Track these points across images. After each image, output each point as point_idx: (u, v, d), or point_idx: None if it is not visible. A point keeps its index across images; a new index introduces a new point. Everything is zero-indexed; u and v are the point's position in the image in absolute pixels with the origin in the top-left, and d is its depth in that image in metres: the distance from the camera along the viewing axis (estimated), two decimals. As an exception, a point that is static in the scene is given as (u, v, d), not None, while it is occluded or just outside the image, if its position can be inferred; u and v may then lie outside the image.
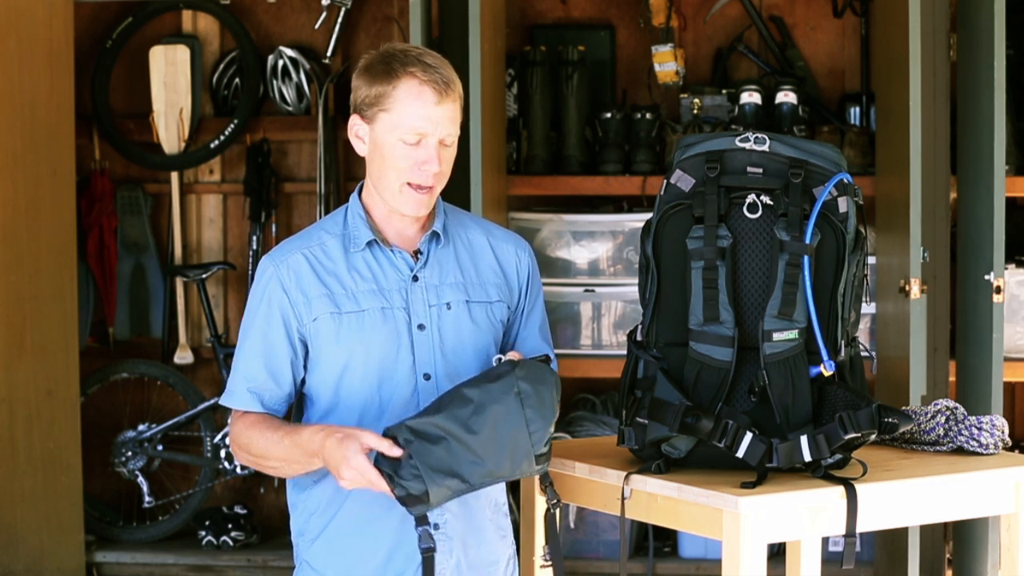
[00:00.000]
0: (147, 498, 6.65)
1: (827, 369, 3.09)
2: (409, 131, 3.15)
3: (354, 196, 3.29)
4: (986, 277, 5.29)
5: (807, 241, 3.08)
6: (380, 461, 3.00)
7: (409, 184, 3.17)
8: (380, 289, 3.21)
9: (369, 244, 3.23)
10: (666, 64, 6.24)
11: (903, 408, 3.28)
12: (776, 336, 3.07)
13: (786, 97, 6.21)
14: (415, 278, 3.23)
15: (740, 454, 3.03)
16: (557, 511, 3.18)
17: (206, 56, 6.85)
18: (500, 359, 3.08)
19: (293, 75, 6.73)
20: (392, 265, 3.23)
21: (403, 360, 3.19)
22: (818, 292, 3.09)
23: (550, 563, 3.20)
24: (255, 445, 3.18)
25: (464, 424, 2.99)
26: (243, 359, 3.22)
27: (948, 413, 3.39)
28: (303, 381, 3.25)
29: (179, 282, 6.84)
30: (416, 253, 3.25)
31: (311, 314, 3.18)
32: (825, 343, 3.09)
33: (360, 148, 3.24)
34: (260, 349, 3.20)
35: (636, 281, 3.29)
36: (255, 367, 3.21)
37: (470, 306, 3.25)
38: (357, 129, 3.23)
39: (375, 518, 3.20)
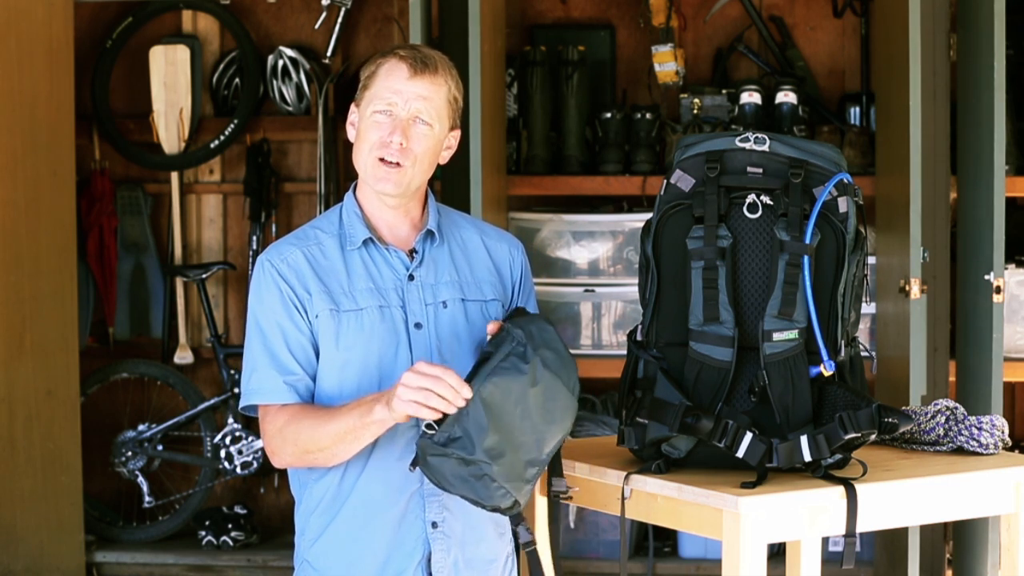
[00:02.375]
0: (147, 498, 6.66)
1: (827, 369, 3.09)
2: (380, 102, 3.20)
3: (349, 194, 3.31)
4: (986, 277, 5.28)
5: (807, 241, 3.08)
6: (454, 484, 3.00)
7: (380, 160, 3.20)
8: (377, 288, 3.22)
9: (365, 243, 3.24)
10: (666, 64, 6.24)
11: (903, 408, 3.28)
12: (776, 336, 3.07)
13: (786, 97, 6.21)
14: (411, 277, 3.24)
15: (740, 454, 3.03)
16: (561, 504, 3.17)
17: (206, 56, 6.86)
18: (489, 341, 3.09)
19: (293, 75, 6.73)
20: (388, 264, 3.24)
21: (401, 358, 3.20)
22: (818, 292, 3.10)
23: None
24: (304, 434, 3.12)
25: (519, 420, 3.01)
26: (267, 354, 3.18)
27: (948, 413, 3.39)
28: None
29: (179, 282, 6.84)
30: (411, 252, 3.26)
31: (313, 311, 3.19)
32: (825, 343, 3.09)
33: (352, 134, 3.28)
34: (283, 340, 3.18)
35: (636, 281, 3.29)
36: (284, 358, 3.17)
37: (466, 304, 3.26)
38: (352, 117, 3.29)
39: (374, 517, 3.20)
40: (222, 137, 6.73)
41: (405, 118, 3.20)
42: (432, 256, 3.28)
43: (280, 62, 6.73)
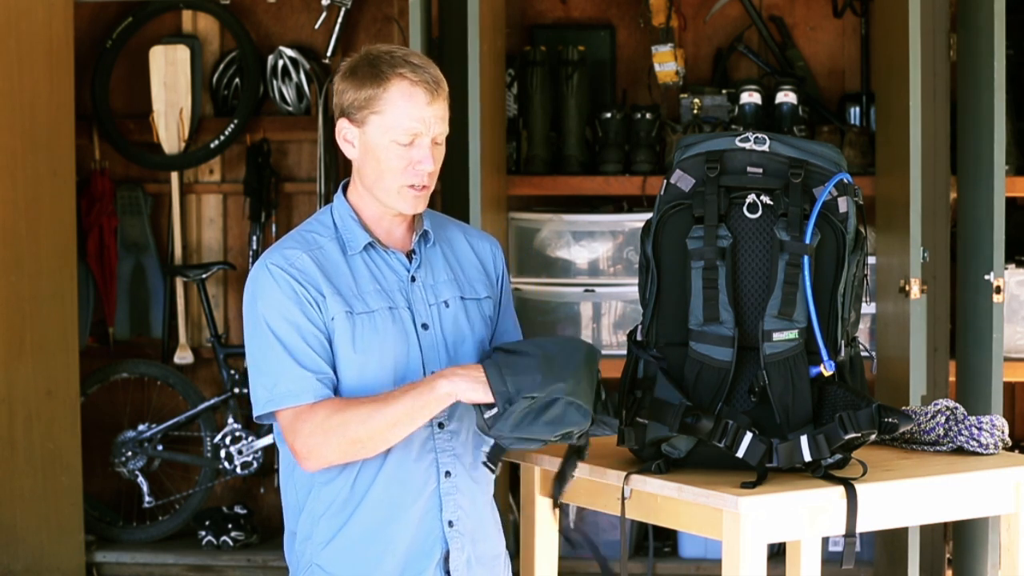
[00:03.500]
0: (147, 498, 6.65)
1: (827, 369, 3.09)
2: (403, 132, 3.16)
3: (339, 197, 3.29)
4: (986, 277, 5.29)
5: (807, 241, 3.08)
6: (548, 430, 3.07)
7: (407, 186, 3.19)
8: (383, 290, 3.22)
9: (366, 247, 3.24)
10: (666, 64, 6.24)
11: (903, 408, 3.28)
12: (776, 336, 3.07)
13: (786, 97, 6.21)
14: (413, 278, 3.25)
15: (740, 454, 3.03)
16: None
17: (206, 56, 6.86)
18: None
19: (293, 75, 6.73)
20: (389, 266, 3.24)
21: (413, 359, 3.20)
22: (818, 292, 3.10)
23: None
24: (353, 424, 3.08)
25: (550, 359, 3.10)
26: (289, 356, 3.13)
27: (948, 413, 3.39)
28: None
29: (179, 282, 6.84)
30: (410, 254, 3.27)
31: (329, 313, 3.17)
32: (825, 343, 3.09)
33: (350, 152, 3.24)
34: (303, 340, 3.14)
35: (636, 281, 3.30)
36: (310, 357, 3.14)
37: (465, 303, 3.28)
38: (346, 133, 3.24)
39: (393, 519, 3.19)
40: (222, 137, 6.73)
41: (428, 143, 3.18)
42: (428, 257, 3.29)
43: (280, 62, 6.73)
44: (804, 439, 3.03)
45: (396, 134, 3.16)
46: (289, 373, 3.14)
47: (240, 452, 6.55)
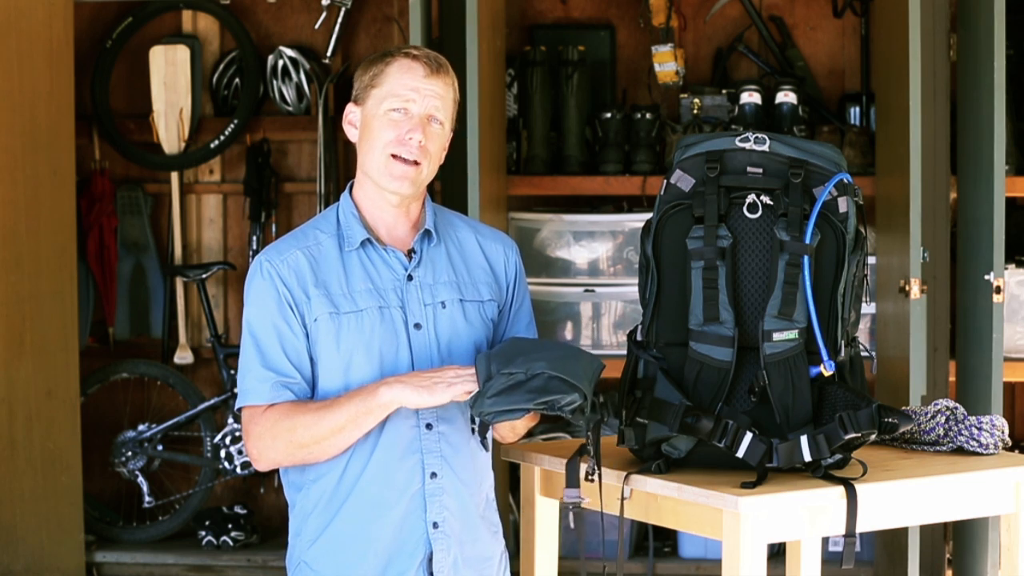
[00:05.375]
0: (147, 498, 6.65)
1: (827, 369, 3.09)
2: (396, 99, 3.20)
3: (345, 195, 3.31)
4: (986, 277, 5.29)
5: (807, 241, 3.08)
6: (527, 399, 3.05)
7: (394, 156, 3.20)
8: (376, 288, 3.22)
9: (363, 243, 3.24)
10: (666, 64, 6.24)
11: (903, 408, 3.29)
12: (776, 336, 3.07)
13: (786, 97, 6.21)
14: (409, 277, 3.24)
15: (740, 454, 3.03)
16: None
17: (206, 56, 6.86)
18: None
19: (293, 75, 6.73)
20: (386, 264, 3.24)
21: (402, 359, 3.20)
22: (818, 292, 3.10)
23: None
24: (300, 428, 3.12)
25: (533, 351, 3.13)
26: (260, 354, 3.18)
27: (948, 413, 3.39)
28: None
29: (179, 282, 6.84)
30: (410, 252, 3.27)
31: (312, 314, 3.18)
32: (825, 343, 3.09)
33: (352, 134, 3.28)
34: (278, 341, 3.17)
35: (636, 281, 3.30)
36: (278, 360, 3.17)
37: (464, 305, 3.27)
38: (351, 116, 3.28)
39: (376, 518, 3.20)
40: (222, 137, 6.73)
41: (421, 116, 3.21)
42: (430, 256, 3.28)
43: (280, 62, 6.73)
44: (804, 439, 3.04)
45: (390, 102, 3.20)
46: (255, 372, 3.18)
47: (240, 452, 6.55)
